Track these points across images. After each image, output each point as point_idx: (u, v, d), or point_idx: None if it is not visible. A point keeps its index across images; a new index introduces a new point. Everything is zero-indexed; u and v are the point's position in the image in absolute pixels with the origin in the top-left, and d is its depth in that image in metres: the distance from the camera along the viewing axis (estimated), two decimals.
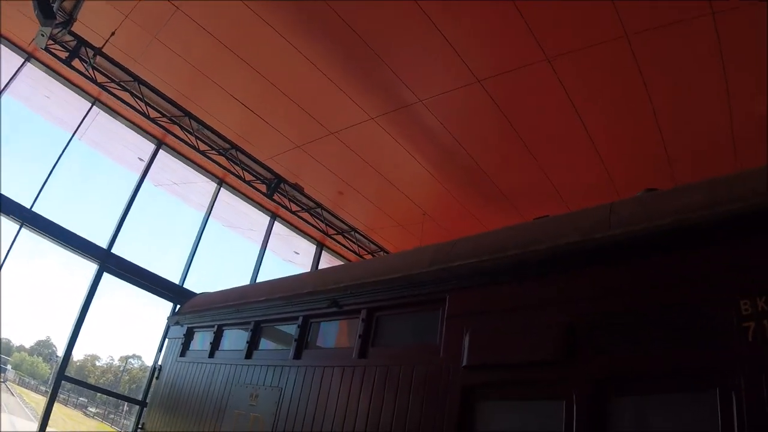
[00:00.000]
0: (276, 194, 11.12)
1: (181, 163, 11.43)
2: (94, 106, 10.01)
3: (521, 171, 9.52)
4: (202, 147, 10.18)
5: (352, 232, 12.70)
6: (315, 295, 4.88)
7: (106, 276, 9.59)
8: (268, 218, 13.03)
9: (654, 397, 2.67)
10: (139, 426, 7.40)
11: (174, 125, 9.78)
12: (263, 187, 11.02)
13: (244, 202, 12.56)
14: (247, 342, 5.60)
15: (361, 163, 10.28)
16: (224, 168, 10.64)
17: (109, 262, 9.64)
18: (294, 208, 11.62)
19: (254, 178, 10.92)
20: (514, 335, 3.25)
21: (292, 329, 5.05)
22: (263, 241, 12.86)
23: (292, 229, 13.47)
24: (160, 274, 10.54)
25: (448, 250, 4.01)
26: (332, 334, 4.82)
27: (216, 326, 6.36)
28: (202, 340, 6.75)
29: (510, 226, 3.96)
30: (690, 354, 2.53)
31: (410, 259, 4.27)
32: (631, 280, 2.87)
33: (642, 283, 2.83)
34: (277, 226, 13.21)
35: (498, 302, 3.47)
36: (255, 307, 5.71)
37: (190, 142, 9.97)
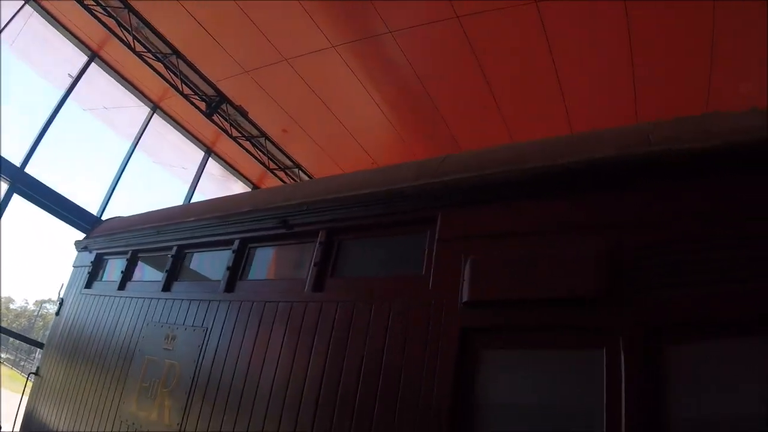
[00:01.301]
0: (216, 116, 9.71)
1: (115, 82, 9.99)
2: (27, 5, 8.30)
3: (485, 126, 8.78)
4: (139, 48, 8.60)
5: (297, 170, 11.45)
6: (258, 213, 3.78)
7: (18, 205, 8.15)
8: (202, 154, 11.61)
9: (717, 344, 2.15)
10: (33, 372, 6.12)
11: (110, 19, 8.16)
12: (203, 105, 9.57)
13: (178, 133, 11.07)
14: (167, 271, 4.45)
15: (312, 98, 9.15)
16: (161, 76, 9.08)
17: (20, 181, 8.15)
18: (234, 133, 10.24)
19: (193, 93, 9.44)
20: (535, 265, 2.38)
21: (224, 256, 3.96)
22: (194, 179, 11.47)
23: (227, 169, 12.10)
24: (79, 204, 9.13)
25: (436, 165, 3.03)
26: (277, 262, 3.77)
27: (130, 252, 5.13)
28: (112, 270, 5.51)
29: (528, 141, 3.01)
30: (750, 295, 2.05)
31: (388, 174, 3.26)
32: (678, 207, 2.32)
33: (707, 209, 2.27)
34: (212, 166, 11.82)
35: (512, 224, 2.58)
36: (180, 229, 4.54)
37: (126, 41, 8.38)
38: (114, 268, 5.45)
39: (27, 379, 6.15)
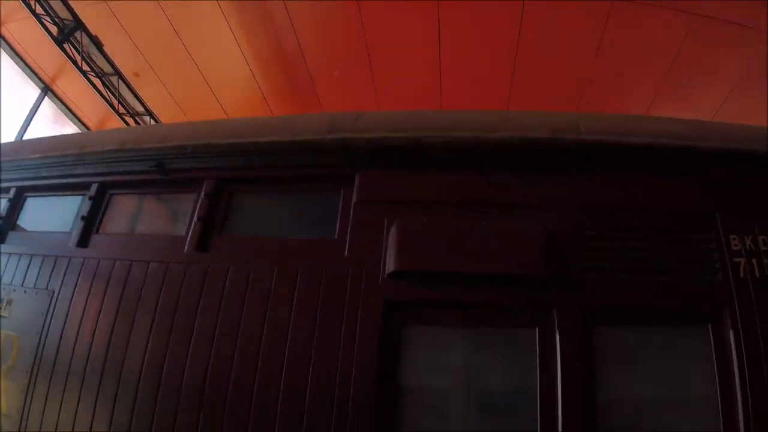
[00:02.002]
0: (67, 44, 8.19)
1: None
2: None
3: (358, 101, 8.49)
4: None
5: (148, 117, 10.15)
6: (125, 153, 3.06)
7: None
8: (38, 91, 9.80)
9: (643, 329, 2.25)
10: None
11: None
12: (55, 30, 7.99)
13: (12, 63, 9.15)
14: (1, 218, 3.53)
15: (176, 42, 8.09)
16: None
17: None
18: (85, 68, 8.76)
19: (45, 14, 7.83)
20: (475, 238, 2.12)
21: (75, 203, 3.19)
22: (26, 119, 9.66)
23: (64, 111, 10.37)
24: None
25: (351, 121, 2.61)
26: (146, 213, 3.11)
27: None
28: None
29: (459, 111, 2.72)
30: (682, 287, 2.27)
31: (293, 123, 2.76)
32: (620, 197, 2.42)
33: (634, 202, 2.42)
34: (47, 105, 10.06)
35: (445, 193, 2.34)
36: (19, 167, 3.61)
37: None
38: None
39: None
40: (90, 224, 3.03)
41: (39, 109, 9.87)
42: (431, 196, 2.27)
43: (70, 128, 10.60)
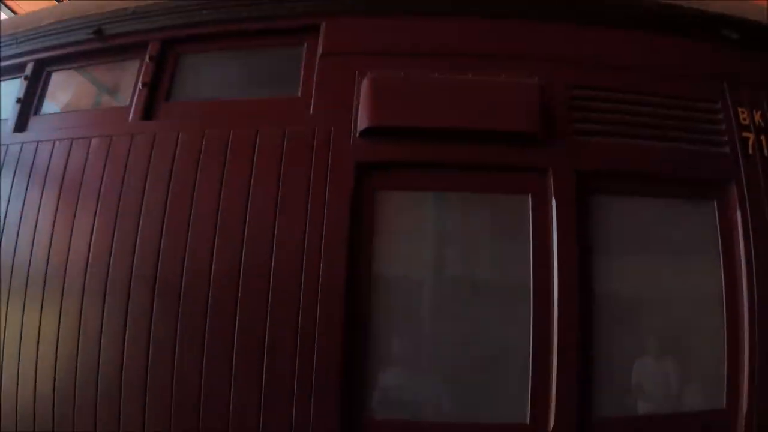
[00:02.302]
0: None
1: None
2: None
3: None
4: None
5: None
6: (61, 24, 2.66)
7: None
8: None
9: (645, 200, 2.05)
10: None
11: None
12: None
13: None
14: None
15: None
16: None
17: None
18: None
19: None
20: (460, 90, 1.84)
21: (12, 87, 2.81)
22: None
23: None
24: None
25: None
26: (87, 89, 2.74)
27: None
28: None
29: None
30: (686, 157, 2.07)
31: None
32: (622, 55, 2.15)
33: (638, 61, 2.15)
34: None
35: (424, 42, 2.04)
36: None
37: None
38: None
39: None
40: (27, 106, 2.67)
41: None
42: (409, 46, 1.95)
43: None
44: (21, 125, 2.63)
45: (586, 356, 1.75)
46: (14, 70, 2.85)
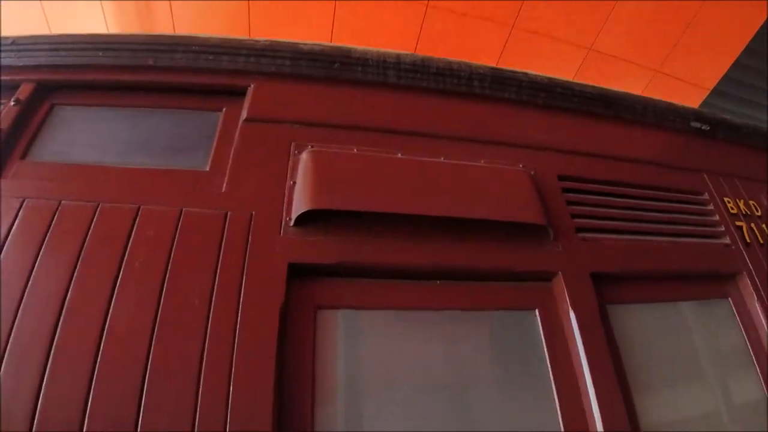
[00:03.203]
0: None
1: None
2: None
3: None
4: None
5: None
6: None
7: None
8: None
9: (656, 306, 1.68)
10: None
11: None
12: None
13: None
14: None
15: None
16: None
17: None
18: None
19: None
20: (434, 175, 1.50)
21: None
22: None
23: None
24: None
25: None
26: None
27: None
28: None
29: None
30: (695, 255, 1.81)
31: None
32: (609, 144, 1.93)
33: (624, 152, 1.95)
34: None
35: (378, 115, 1.49)
36: None
37: None
38: None
39: None
40: None
41: None
42: (365, 120, 1.47)
43: None
44: None
45: None
46: None
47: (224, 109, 1.54)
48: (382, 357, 1.20)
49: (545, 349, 1.30)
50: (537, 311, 1.35)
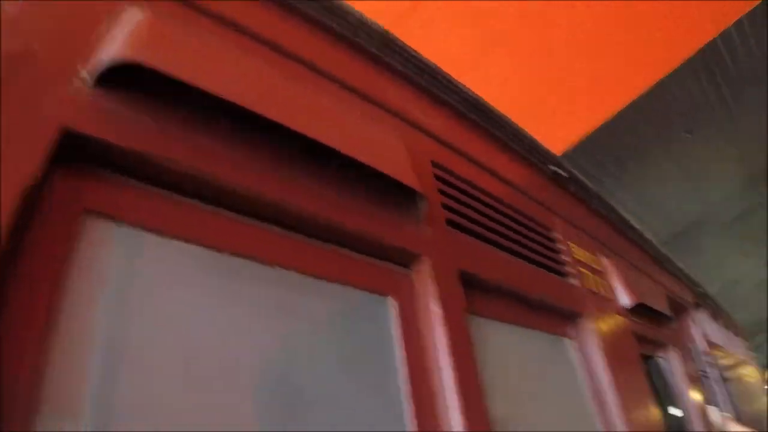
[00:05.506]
0: None
1: None
2: None
3: None
4: None
5: None
6: None
7: None
8: None
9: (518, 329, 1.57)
10: None
11: None
12: None
13: None
14: None
15: None
16: None
17: None
18: None
19: None
20: (292, 89, 1.07)
21: None
22: None
23: None
24: None
25: None
26: None
27: None
28: None
29: None
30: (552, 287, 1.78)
31: None
32: (483, 152, 1.81)
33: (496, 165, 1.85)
34: None
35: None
36: None
37: None
38: None
39: None
40: None
41: None
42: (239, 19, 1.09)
43: None
44: None
45: None
46: None
47: None
48: (170, 314, 0.78)
49: (397, 346, 0.99)
50: (393, 298, 1.05)
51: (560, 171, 2.24)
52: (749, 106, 9.29)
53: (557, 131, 5.87)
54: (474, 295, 1.26)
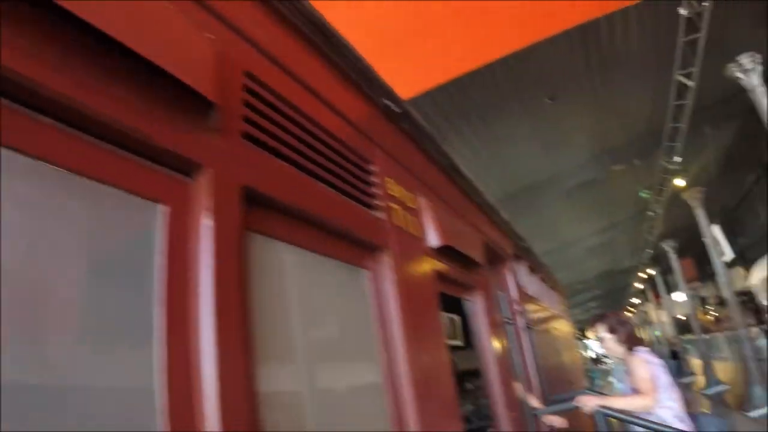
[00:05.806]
0: None
1: None
2: None
3: None
4: None
5: None
6: None
7: None
8: None
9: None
10: None
11: None
12: None
13: None
14: None
15: None
16: None
17: None
18: None
19: None
20: None
21: None
22: None
23: None
24: None
25: None
26: None
27: None
28: None
29: None
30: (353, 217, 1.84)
31: None
32: (305, 67, 1.75)
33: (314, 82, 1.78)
34: None
35: None
36: None
37: None
38: None
39: None
40: None
41: None
42: None
43: None
44: None
45: None
46: None
47: None
48: None
49: (158, 254, 0.98)
50: (165, 206, 1.02)
51: (393, 106, 2.28)
52: (614, 87, 10.23)
53: (411, 74, 5.88)
54: (263, 215, 1.28)
